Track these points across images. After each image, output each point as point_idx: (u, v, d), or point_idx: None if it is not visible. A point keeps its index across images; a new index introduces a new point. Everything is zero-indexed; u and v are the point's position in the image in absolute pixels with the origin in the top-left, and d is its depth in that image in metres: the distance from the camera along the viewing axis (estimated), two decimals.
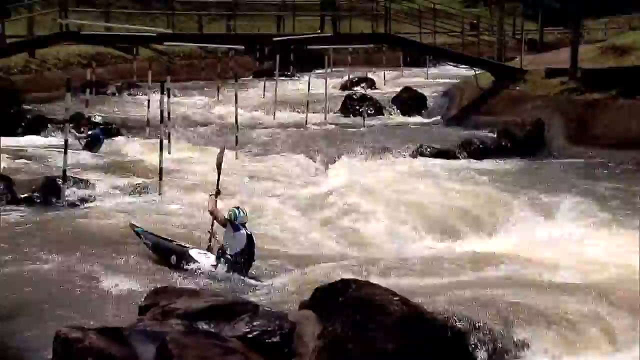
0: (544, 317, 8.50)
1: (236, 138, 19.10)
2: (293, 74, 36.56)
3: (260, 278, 10.35)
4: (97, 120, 20.63)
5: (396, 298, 7.72)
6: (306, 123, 24.43)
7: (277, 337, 7.50)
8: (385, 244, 12.66)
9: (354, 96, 27.65)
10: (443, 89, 28.72)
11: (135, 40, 29.82)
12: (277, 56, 28.41)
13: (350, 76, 33.34)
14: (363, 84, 31.09)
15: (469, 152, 20.01)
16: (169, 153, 17.59)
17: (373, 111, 26.49)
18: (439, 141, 20.82)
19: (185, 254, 10.70)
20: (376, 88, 32.53)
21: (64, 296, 9.42)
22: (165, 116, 16.78)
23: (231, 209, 10.51)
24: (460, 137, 21.16)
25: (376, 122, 25.30)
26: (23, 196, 14.13)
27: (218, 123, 23.95)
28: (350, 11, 32.33)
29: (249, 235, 10.36)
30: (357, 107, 26.42)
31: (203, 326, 7.50)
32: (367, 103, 26.44)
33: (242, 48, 34.67)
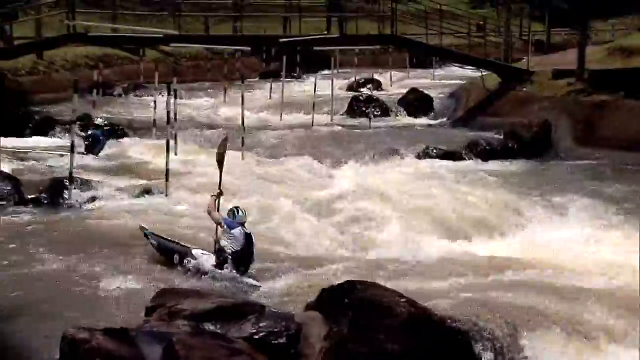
0: (553, 322, 8.46)
1: (243, 140, 19.09)
2: (300, 76, 36.53)
3: (259, 278, 10.31)
4: (98, 122, 20.64)
5: (403, 300, 7.72)
6: (313, 124, 24.39)
7: (284, 339, 7.50)
8: (393, 247, 12.60)
9: (361, 98, 27.63)
10: (450, 91, 28.62)
11: (142, 41, 29.85)
12: (284, 58, 28.46)
13: (356, 78, 33.25)
14: (369, 86, 31.10)
15: (476, 154, 19.98)
16: (176, 155, 17.56)
17: (379, 113, 26.45)
18: (446, 143, 20.77)
19: (187, 254, 10.74)
20: (383, 89, 32.45)
21: (72, 297, 9.44)
22: (172, 118, 16.78)
23: (230, 209, 10.55)
24: (467, 139, 21.12)
25: (383, 124, 25.24)
26: (31, 197, 14.16)
27: (225, 125, 23.94)
28: (356, 12, 32.31)
29: (248, 234, 10.35)
30: (364, 109, 26.36)
31: (210, 327, 7.51)
32: (374, 104, 26.41)
33: (249, 49, 34.65)
